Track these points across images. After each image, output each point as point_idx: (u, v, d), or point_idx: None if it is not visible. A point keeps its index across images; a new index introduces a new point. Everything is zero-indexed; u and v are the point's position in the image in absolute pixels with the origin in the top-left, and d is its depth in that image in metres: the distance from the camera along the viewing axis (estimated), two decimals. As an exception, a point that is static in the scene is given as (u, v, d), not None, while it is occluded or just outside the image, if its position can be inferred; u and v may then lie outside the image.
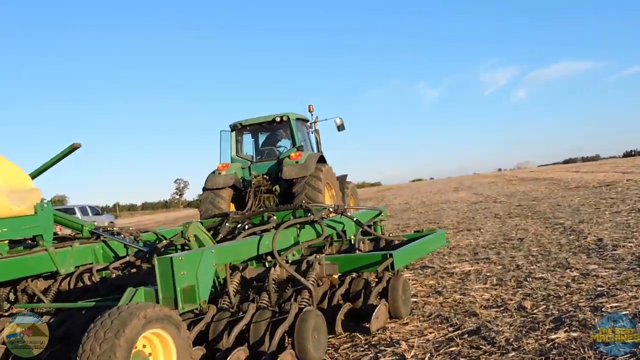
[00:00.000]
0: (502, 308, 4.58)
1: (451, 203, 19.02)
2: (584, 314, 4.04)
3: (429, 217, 14.28)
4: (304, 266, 4.36)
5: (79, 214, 23.30)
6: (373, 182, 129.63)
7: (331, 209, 5.07)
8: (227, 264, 4.25)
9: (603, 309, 4.12)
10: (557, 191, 18.05)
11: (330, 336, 4.32)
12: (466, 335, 3.97)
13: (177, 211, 78.75)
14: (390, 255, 4.24)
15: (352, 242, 5.25)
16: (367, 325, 4.27)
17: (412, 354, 3.75)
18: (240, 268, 4.47)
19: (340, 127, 12.36)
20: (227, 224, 5.14)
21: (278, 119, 11.14)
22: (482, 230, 10.05)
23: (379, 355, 3.83)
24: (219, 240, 4.80)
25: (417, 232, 5.87)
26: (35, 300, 5.14)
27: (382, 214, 6.19)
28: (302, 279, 4.13)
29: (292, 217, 5.00)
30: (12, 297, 5.28)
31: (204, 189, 10.95)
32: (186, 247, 4.60)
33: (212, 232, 5.16)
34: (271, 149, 11.65)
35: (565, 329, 3.79)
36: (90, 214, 24.20)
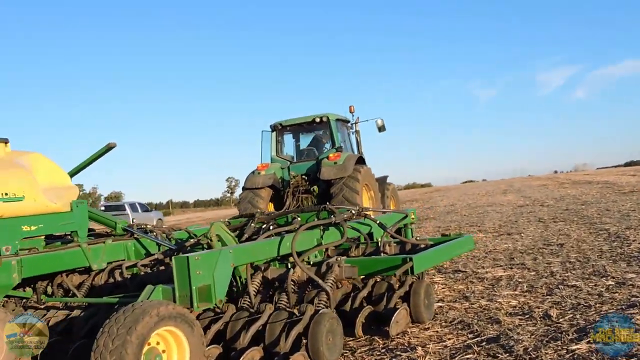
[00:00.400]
0: (527, 316, 4.47)
1: (497, 206, 18.63)
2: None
3: (472, 219, 14.03)
4: (323, 268, 4.36)
5: (128, 211, 23.98)
6: (423, 183, 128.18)
7: (353, 212, 5.04)
8: (248, 264, 4.31)
9: (632, 320, 3.96)
10: (608, 195, 17.44)
11: (350, 339, 4.33)
12: (484, 343, 3.89)
13: (227, 209, 79.91)
14: (410, 259, 4.20)
15: (378, 244, 5.22)
16: (388, 329, 4.23)
17: (426, 360, 3.71)
18: (262, 268, 4.51)
19: (381, 128, 12.29)
20: (252, 225, 5.19)
21: (318, 120, 11.17)
22: (522, 234, 9.82)
23: (394, 360, 3.81)
24: (243, 240, 4.86)
25: (445, 236, 5.79)
26: (70, 295, 5.32)
27: (409, 217, 6.13)
28: (320, 281, 4.13)
29: (315, 219, 5.00)
30: (50, 290, 5.47)
31: (244, 189, 11.09)
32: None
33: (237, 232, 5.23)
34: (311, 149, 11.69)
35: (588, 340, 3.67)
36: (139, 210, 24.86)
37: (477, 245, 8.93)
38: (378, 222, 4.98)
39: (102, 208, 25.35)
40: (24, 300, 5.22)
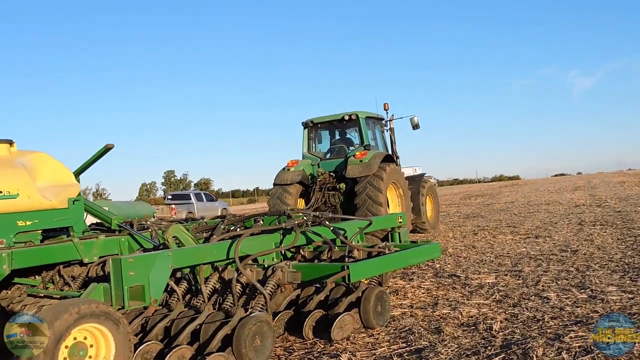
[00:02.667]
0: (472, 328, 4.44)
1: (554, 205, 17.94)
2: (536, 343, 3.82)
3: (515, 220, 13.63)
4: (269, 272, 4.52)
5: (193, 200, 24.97)
6: (511, 175, 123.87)
7: (305, 217, 5.13)
8: (202, 265, 4.55)
9: (561, 339, 3.86)
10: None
11: (300, 340, 4.47)
12: (407, 354, 3.94)
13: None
14: (347, 267, 4.27)
15: (347, 249, 5.29)
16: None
17: (343, 367, 3.80)
18: (220, 269, 4.74)
19: (416, 126, 12.18)
20: (221, 226, 5.41)
21: (347, 118, 11.23)
22: (550, 238, 9.51)
23: (316, 365, 3.92)
24: (206, 240, 5.10)
25: (413, 243, 5.78)
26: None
27: (373, 224, 6.09)
28: (258, 285, 4.31)
29: (277, 223, 5.14)
30: (57, 279, 5.95)
31: (274, 184, 11.36)
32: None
33: (211, 232, 5.47)
34: (341, 146, 11.76)
35: (503, 356, 3.64)
36: (204, 200, 25.80)
37: (497, 247, 8.78)
38: (332, 228, 5.05)
39: (170, 197, 26.58)
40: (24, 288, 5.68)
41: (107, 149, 6.40)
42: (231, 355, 3.89)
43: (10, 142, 6.10)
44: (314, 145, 12.04)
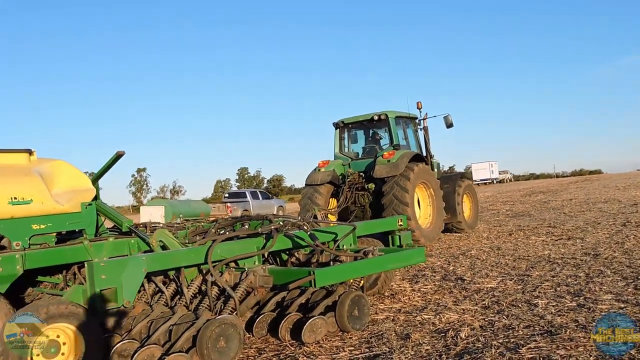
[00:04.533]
0: (441, 335, 4.44)
1: (611, 203, 17.13)
2: (489, 353, 3.80)
3: (560, 219, 13.16)
4: (243, 276, 4.68)
5: (249, 198, 25.56)
6: (592, 169, 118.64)
7: (282, 222, 5.23)
8: (197, 267, 4.78)
9: (518, 349, 3.81)
10: None
11: (277, 342, 4.62)
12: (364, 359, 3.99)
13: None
14: (313, 273, 4.37)
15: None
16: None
17: (296, 370, 3.91)
18: (204, 272, 4.94)
19: (450, 125, 12.00)
20: (212, 230, 5.61)
21: (377, 118, 11.21)
22: (580, 240, 9.18)
23: (274, 367, 4.05)
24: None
25: (398, 248, 5.77)
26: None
27: (395, 224, 6.18)
28: (228, 288, 4.48)
29: (260, 227, 5.28)
30: (73, 279, 6.36)
31: (305, 185, 11.52)
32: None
33: (204, 235, 5.68)
34: (372, 147, 11.76)
35: (450, 366, 3.64)
36: (260, 198, 26.33)
37: (521, 250, 8.60)
38: (309, 233, 5.13)
39: (227, 195, 27.30)
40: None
41: (118, 156, 6.75)
42: (195, 356, 4.08)
43: (30, 152, 6.54)
44: (345, 145, 12.09)
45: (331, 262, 5.28)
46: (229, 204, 24.98)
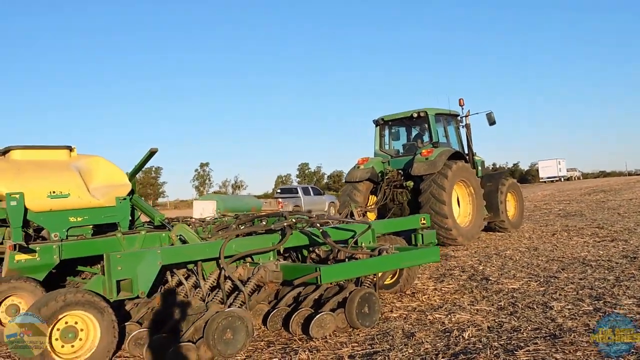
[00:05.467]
0: (447, 334, 4.45)
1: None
2: (484, 354, 3.80)
3: (611, 220, 12.69)
4: (255, 271, 4.84)
5: (300, 194, 25.84)
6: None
7: (293, 219, 5.32)
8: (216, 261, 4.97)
9: (514, 352, 3.80)
10: None
11: (289, 336, 4.75)
12: (358, 356, 4.08)
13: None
14: (319, 269, 4.47)
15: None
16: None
17: (295, 364, 4.03)
18: (221, 266, 5.13)
19: (492, 123, 11.78)
20: (232, 225, 5.79)
21: (416, 115, 11.16)
22: (623, 242, 8.88)
23: (278, 359, 4.18)
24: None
25: (412, 246, 5.77)
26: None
27: (418, 222, 6.21)
28: (238, 282, 4.65)
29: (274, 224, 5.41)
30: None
31: (345, 182, 11.60)
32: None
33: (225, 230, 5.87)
34: (412, 144, 11.70)
35: (443, 365, 3.68)
36: (312, 194, 26.56)
37: (558, 251, 8.42)
38: (322, 230, 5.21)
39: (279, 191, 27.69)
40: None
41: (152, 153, 7.06)
42: (203, 346, 4.27)
43: (70, 148, 6.91)
44: (385, 142, 12.09)
45: (346, 259, 5.36)
46: (280, 200, 25.35)
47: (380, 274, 5.58)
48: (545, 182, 64.96)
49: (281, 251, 5.26)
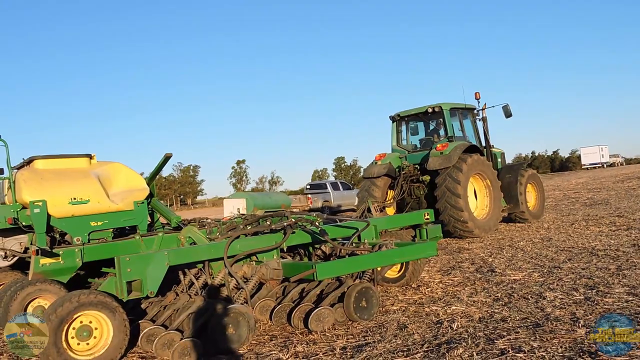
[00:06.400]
0: (438, 325, 4.66)
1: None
2: (466, 344, 4.00)
3: (636, 207, 12.61)
4: (258, 269, 5.12)
5: (330, 189, 26.03)
6: None
7: (292, 219, 5.55)
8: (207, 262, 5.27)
9: (495, 342, 3.99)
10: None
11: (291, 330, 5.02)
12: (350, 348, 4.31)
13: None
14: (314, 266, 4.72)
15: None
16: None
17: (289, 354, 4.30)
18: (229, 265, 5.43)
19: (508, 115, 11.80)
20: (240, 225, 6.08)
21: (431, 110, 11.27)
22: (637, 230, 8.89)
23: (272, 351, 4.45)
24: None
25: (410, 242, 5.94)
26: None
27: (421, 218, 6.40)
28: (240, 280, 4.94)
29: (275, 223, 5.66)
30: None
31: (363, 178, 11.81)
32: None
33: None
34: (429, 139, 11.81)
35: (421, 354, 3.89)
36: (341, 189, 26.71)
37: (570, 241, 8.48)
38: (320, 229, 5.45)
39: (308, 187, 27.93)
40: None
41: (167, 158, 7.41)
42: (207, 340, 4.57)
43: (90, 156, 7.30)
44: (402, 138, 12.24)
45: (346, 256, 5.59)
46: (309, 195, 25.60)
47: (379, 268, 5.78)
48: (587, 168, 64.30)
49: (284, 249, 5.53)
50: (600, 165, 66.92)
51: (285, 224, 5.36)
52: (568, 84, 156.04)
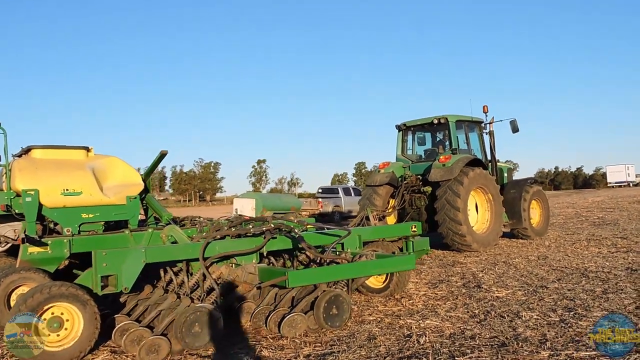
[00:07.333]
0: (407, 338, 4.63)
1: None
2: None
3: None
4: (233, 271, 5.14)
5: (341, 194, 26.03)
6: None
7: (271, 225, 5.56)
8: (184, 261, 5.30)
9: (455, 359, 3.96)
10: None
11: (264, 334, 5.03)
12: (313, 355, 4.31)
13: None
14: (286, 274, 4.73)
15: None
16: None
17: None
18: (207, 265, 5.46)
19: (515, 130, 11.68)
20: (224, 227, 6.10)
21: (436, 121, 11.21)
22: (636, 253, 8.73)
23: (239, 353, 4.47)
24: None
25: (389, 255, 5.90)
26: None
27: (408, 230, 6.37)
28: (212, 281, 4.96)
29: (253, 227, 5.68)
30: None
31: (365, 185, 11.77)
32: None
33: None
34: (433, 150, 11.75)
35: (383, 367, 3.88)
36: (352, 194, 26.67)
37: (564, 261, 8.38)
38: (298, 235, 5.44)
39: (320, 191, 27.91)
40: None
41: (162, 155, 7.47)
42: (174, 337, 4.59)
43: (88, 149, 7.40)
44: (408, 147, 12.18)
45: (325, 264, 5.58)
46: (320, 199, 25.60)
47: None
48: (612, 186, 65.03)
49: (264, 254, 5.54)
50: (626, 184, 66.79)
51: (264, 228, 5.38)
52: (595, 100, 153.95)
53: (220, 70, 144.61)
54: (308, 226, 6.33)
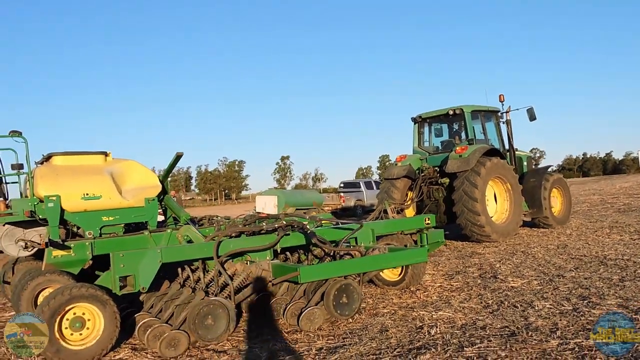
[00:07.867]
0: (418, 330, 4.70)
1: None
2: (435, 350, 4.03)
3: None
4: (250, 268, 5.26)
5: (363, 188, 26.06)
6: None
7: (284, 222, 5.63)
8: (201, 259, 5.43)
9: (463, 349, 4.01)
10: None
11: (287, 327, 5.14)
12: (324, 349, 4.40)
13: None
14: (298, 269, 4.82)
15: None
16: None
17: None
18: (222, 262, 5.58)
19: (532, 118, 11.58)
20: (239, 225, 6.22)
21: (452, 112, 11.16)
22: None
23: (253, 348, 4.58)
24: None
25: (402, 247, 5.93)
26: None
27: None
28: (227, 277, 5.08)
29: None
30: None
31: (383, 179, 11.81)
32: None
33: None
34: (450, 141, 11.70)
35: (389, 359, 3.95)
36: (374, 188, 26.63)
37: (584, 249, 8.33)
38: (309, 231, 5.53)
39: (342, 185, 27.96)
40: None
41: (178, 157, 7.61)
42: (189, 330, 4.74)
43: (106, 153, 7.57)
44: (424, 139, 12.16)
45: (338, 257, 5.66)
46: (342, 194, 25.67)
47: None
48: None
49: (278, 250, 5.64)
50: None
51: (276, 225, 5.48)
52: (624, 86, 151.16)
53: (245, 70, 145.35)
54: (322, 222, 6.41)
